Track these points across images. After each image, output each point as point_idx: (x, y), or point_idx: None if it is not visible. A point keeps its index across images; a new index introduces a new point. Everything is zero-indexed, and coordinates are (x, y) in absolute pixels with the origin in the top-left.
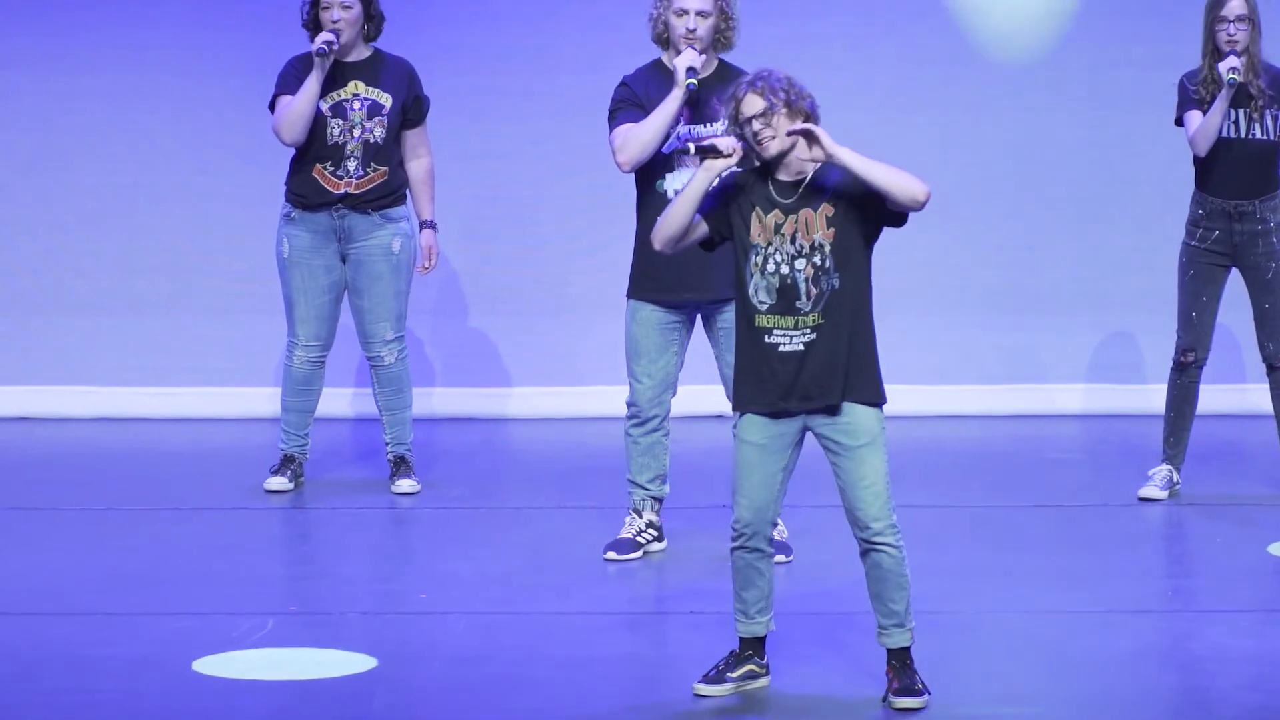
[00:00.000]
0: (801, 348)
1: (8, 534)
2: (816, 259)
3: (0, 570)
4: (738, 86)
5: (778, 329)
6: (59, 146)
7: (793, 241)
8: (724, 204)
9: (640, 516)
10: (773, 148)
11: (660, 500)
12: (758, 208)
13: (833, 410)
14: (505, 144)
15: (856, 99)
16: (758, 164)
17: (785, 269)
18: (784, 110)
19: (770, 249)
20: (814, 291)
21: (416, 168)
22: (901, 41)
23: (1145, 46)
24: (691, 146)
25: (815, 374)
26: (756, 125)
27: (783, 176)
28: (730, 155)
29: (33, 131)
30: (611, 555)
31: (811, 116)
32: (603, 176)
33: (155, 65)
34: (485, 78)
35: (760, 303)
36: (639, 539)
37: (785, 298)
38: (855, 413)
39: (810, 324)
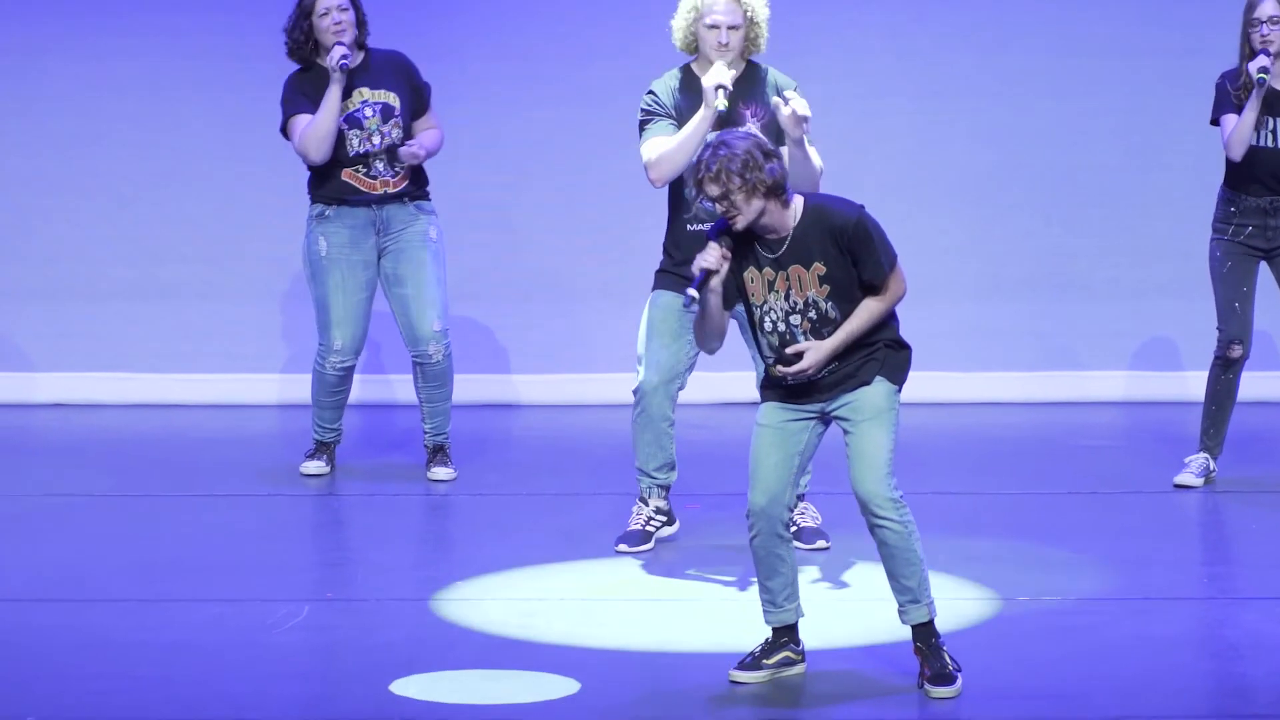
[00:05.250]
0: (823, 375)
1: (43, 520)
2: (812, 314)
3: (35, 556)
4: (695, 166)
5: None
6: (93, 133)
7: (786, 298)
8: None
9: (647, 504)
10: (740, 223)
11: (668, 487)
12: (751, 266)
13: (862, 385)
14: (533, 129)
15: (891, 86)
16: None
17: (781, 325)
18: (741, 194)
19: (765, 307)
20: (813, 340)
21: (429, 134)
22: (936, 28)
23: (1183, 33)
24: (694, 295)
25: (844, 379)
26: (721, 207)
27: (766, 235)
28: (722, 265)
29: (66, 117)
30: (623, 548)
31: (774, 187)
32: (639, 162)
33: (190, 51)
34: (508, 65)
35: (767, 356)
36: (648, 528)
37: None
38: (866, 390)
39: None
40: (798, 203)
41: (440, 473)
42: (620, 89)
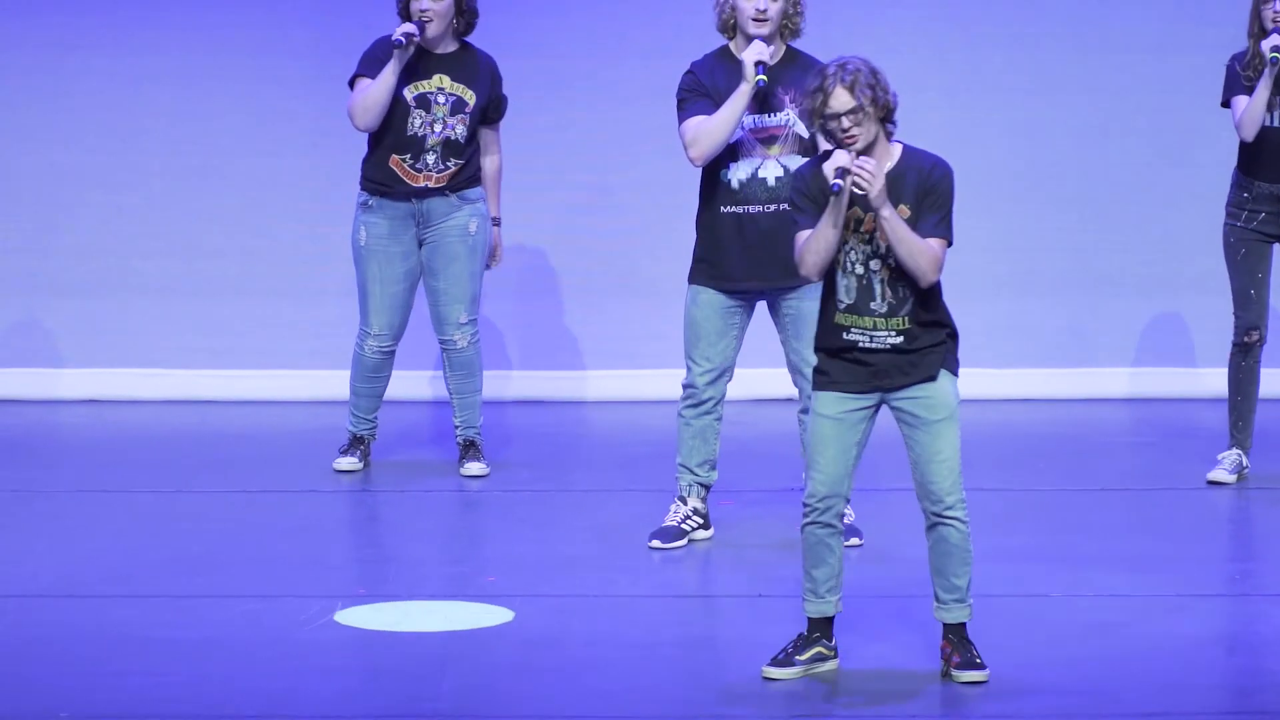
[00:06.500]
0: (888, 346)
1: (76, 516)
2: (891, 261)
3: (68, 552)
4: (823, 78)
5: (855, 328)
6: (125, 128)
7: (869, 241)
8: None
9: (685, 504)
10: (860, 143)
11: (707, 487)
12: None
13: (928, 380)
14: (566, 128)
15: (924, 80)
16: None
17: (861, 269)
18: (871, 109)
19: (848, 246)
20: (888, 294)
21: (488, 165)
22: (968, 26)
23: (1216, 29)
24: (841, 184)
25: (907, 365)
26: (846, 123)
27: None
28: (852, 166)
29: (98, 112)
30: (656, 544)
31: (890, 113)
32: (674, 160)
33: (223, 47)
34: (553, 61)
35: (840, 301)
36: (684, 526)
37: (862, 298)
38: (935, 387)
39: (896, 327)
40: (896, 146)
41: (472, 468)
42: (655, 88)
